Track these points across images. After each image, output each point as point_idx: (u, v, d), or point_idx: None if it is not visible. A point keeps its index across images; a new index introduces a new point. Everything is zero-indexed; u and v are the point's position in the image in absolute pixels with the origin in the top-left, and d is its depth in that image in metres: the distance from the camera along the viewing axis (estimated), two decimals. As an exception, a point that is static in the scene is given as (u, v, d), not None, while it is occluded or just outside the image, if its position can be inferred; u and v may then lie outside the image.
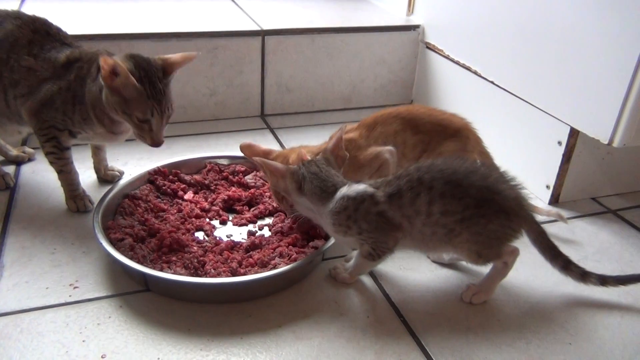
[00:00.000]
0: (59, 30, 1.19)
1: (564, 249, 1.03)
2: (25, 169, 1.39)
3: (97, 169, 1.35)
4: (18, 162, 1.40)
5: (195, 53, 1.14)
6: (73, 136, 1.18)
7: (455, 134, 1.17)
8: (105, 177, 1.35)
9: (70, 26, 1.53)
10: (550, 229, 1.24)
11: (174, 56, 1.11)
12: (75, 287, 1.02)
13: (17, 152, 1.41)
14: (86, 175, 1.34)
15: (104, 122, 1.13)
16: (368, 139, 1.16)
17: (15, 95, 1.15)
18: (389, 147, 1.15)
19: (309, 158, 1.06)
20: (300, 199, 1.02)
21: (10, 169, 1.37)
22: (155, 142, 1.10)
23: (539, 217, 1.09)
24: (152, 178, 1.28)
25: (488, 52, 1.53)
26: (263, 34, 1.68)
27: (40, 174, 1.36)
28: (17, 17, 1.16)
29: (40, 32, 1.16)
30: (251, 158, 1.07)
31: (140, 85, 1.03)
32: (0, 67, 1.14)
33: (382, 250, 0.99)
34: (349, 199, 0.97)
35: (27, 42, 1.14)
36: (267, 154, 1.20)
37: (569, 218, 1.33)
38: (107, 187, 1.22)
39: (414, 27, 1.82)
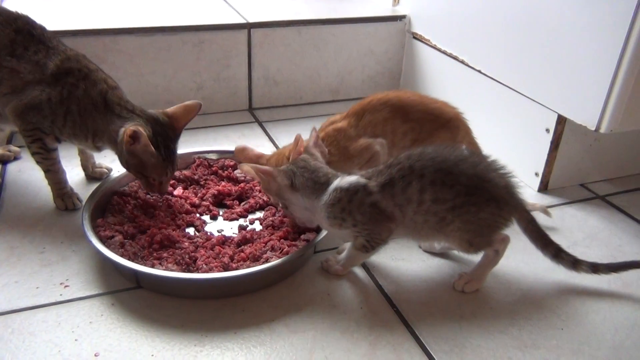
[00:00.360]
0: (43, 30, 1.15)
1: (554, 236, 1.04)
2: (12, 167, 1.37)
3: (85, 167, 1.34)
4: (4, 161, 1.39)
5: (197, 102, 1.17)
6: (58, 141, 1.17)
7: (446, 123, 1.16)
8: (94, 174, 1.33)
9: (54, 22, 1.52)
10: (540, 216, 1.25)
11: (178, 111, 1.15)
12: (65, 286, 1.01)
13: (3, 150, 1.39)
14: (74, 173, 1.33)
15: (96, 144, 1.15)
16: (357, 129, 1.15)
17: None
18: (380, 139, 1.15)
19: (307, 144, 1.06)
20: (294, 197, 1.02)
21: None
22: (162, 194, 1.19)
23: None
24: None
25: (475, 41, 1.53)
26: (249, 26, 1.67)
27: (27, 173, 1.34)
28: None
29: (23, 32, 1.12)
30: (239, 166, 1.06)
31: (158, 153, 1.08)
32: None
33: (376, 241, 0.99)
34: (342, 191, 0.97)
35: (9, 42, 1.11)
36: (259, 157, 1.20)
37: (558, 205, 1.34)
38: (96, 185, 1.21)
39: (400, 18, 1.82)
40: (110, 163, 1.39)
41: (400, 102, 1.16)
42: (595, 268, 1.03)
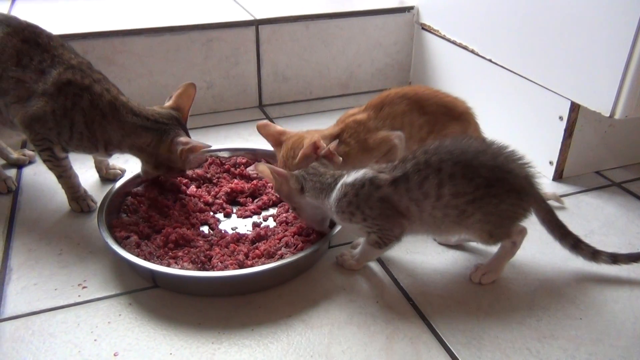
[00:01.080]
0: (49, 38, 1.15)
1: (570, 224, 1.03)
2: (27, 171, 1.38)
3: (99, 169, 1.34)
4: (19, 164, 1.40)
5: (191, 84, 1.22)
6: (65, 151, 1.18)
7: (459, 116, 1.18)
8: (107, 175, 1.34)
9: (63, 25, 1.53)
10: (556, 205, 1.24)
11: (181, 101, 1.21)
12: (83, 287, 1.02)
13: (18, 154, 1.40)
14: (88, 175, 1.34)
15: (109, 152, 1.18)
16: (376, 121, 1.16)
17: (6, 103, 1.14)
18: (398, 132, 1.15)
19: (324, 145, 1.06)
20: (303, 199, 1.03)
21: (12, 172, 1.37)
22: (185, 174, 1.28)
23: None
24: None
25: (484, 30, 1.51)
26: (257, 23, 1.67)
27: (42, 176, 1.35)
28: (8, 24, 1.13)
29: (29, 41, 1.12)
30: (255, 165, 1.07)
31: None
32: None
33: (389, 238, 0.99)
34: (347, 186, 0.98)
35: (15, 52, 1.11)
36: (280, 133, 1.20)
37: (573, 193, 1.33)
38: (110, 186, 1.22)
39: (408, 9, 1.80)
40: (124, 164, 1.40)
41: (417, 95, 1.18)
42: (615, 258, 1.02)
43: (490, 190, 0.94)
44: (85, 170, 1.32)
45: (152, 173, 1.21)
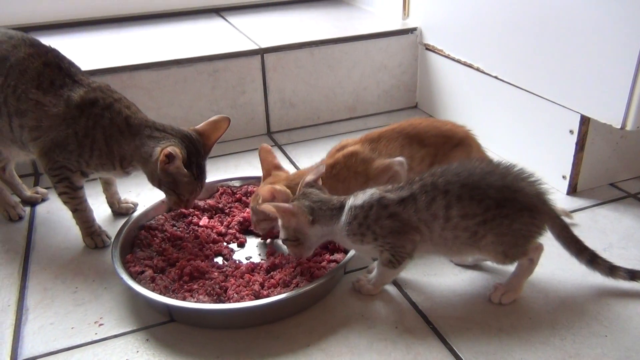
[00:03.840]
0: (70, 64, 1.17)
1: (588, 239, 1.01)
2: (40, 209, 1.39)
3: (111, 203, 1.35)
4: (32, 202, 1.41)
5: (225, 117, 1.20)
6: (85, 176, 1.18)
7: (459, 142, 1.18)
8: (120, 210, 1.35)
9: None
10: (573, 219, 1.22)
11: (208, 128, 1.18)
12: (100, 325, 1.02)
13: (31, 192, 1.41)
14: (101, 210, 1.34)
15: (126, 170, 1.17)
16: (373, 151, 1.15)
17: (21, 125, 1.14)
18: (400, 158, 1.14)
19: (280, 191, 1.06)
20: (313, 230, 1.00)
21: (25, 211, 1.37)
22: (188, 209, 1.24)
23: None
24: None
25: (489, 47, 1.52)
26: (262, 52, 1.68)
27: (55, 214, 1.36)
28: (31, 45, 1.15)
29: (51, 65, 1.14)
30: (260, 206, 1.06)
31: (190, 173, 1.10)
32: (7, 93, 1.13)
33: (401, 255, 0.98)
34: (356, 208, 0.98)
35: (36, 75, 1.12)
36: (276, 167, 1.21)
37: (589, 207, 1.31)
38: (123, 220, 1.22)
39: (412, 30, 1.82)
40: (136, 197, 1.40)
41: (415, 129, 1.18)
42: (633, 275, 1.00)
43: (501, 211, 0.93)
44: (98, 206, 1.32)
45: (174, 202, 1.17)
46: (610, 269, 1.00)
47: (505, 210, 0.93)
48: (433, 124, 1.21)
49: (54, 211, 1.37)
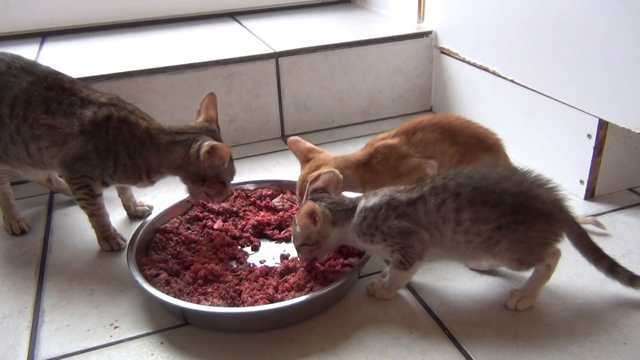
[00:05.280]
0: (72, 82, 1.17)
1: (606, 245, 1.00)
2: (57, 212, 1.40)
3: (127, 207, 1.36)
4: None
5: (210, 93, 1.25)
6: (106, 185, 1.19)
7: (489, 147, 1.17)
8: (136, 213, 1.36)
9: (88, 67, 1.57)
10: (590, 226, 1.21)
11: (208, 112, 1.23)
12: (115, 327, 1.02)
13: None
14: (116, 212, 1.35)
15: (152, 179, 1.19)
16: (408, 146, 1.15)
17: (39, 148, 1.15)
18: (432, 161, 1.14)
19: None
20: (333, 231, 1.01)
21: (42, 213, 1.39)
22: (229, 196, 1.26)
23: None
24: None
25: (504, 50, 1.50)
26: (276, 55, 1.69)
27: (71, 217, 1.37)
28: (30, 72, 1.15)
29: (54, 88, 1.15)
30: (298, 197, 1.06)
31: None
32: (19, 122, 1.14)
33: (411, 256, 0.97)
34: (366, 210, 0.98)
35: (42, 100, 1.13)
36: (309, 150, 1.22)
37: (607, 212, 1.29)
38: (138, 223, 1.23)
39: (427, 34, 1.81)
40: (151, 200, 1.41)
41: (450, 124, 1.17)
42: None
43: (517, 218, 0.92)
44: (113, 209, 1.33)
45: (198, 192, 1.19)
46: (631, 279, 0.98)
47: (520, 217, 0.92)
48: (467, 123, 1.20)
49: (71, 214, 1.38)
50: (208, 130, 1.19)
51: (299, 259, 1.09)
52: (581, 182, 1.34)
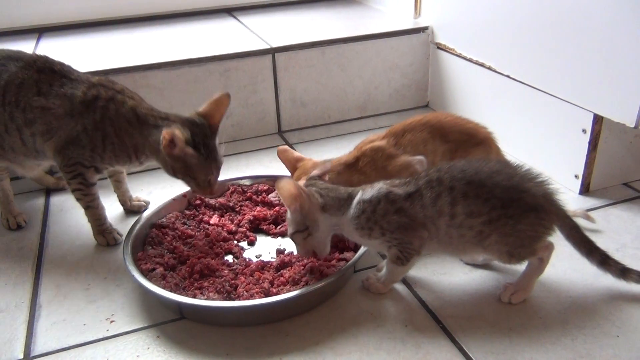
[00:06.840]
0: (62, 65, 1.19)
1: (600, 239, 1.00)
2: (53, 207, 1.41)
3: (123, 201, 1.36)
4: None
5: (225, 93, 1.19)
6: (98, 172, 1.20)
7: (480, 142, 1.17)
8: (132, 208, 1.36)
9: (85, 62, 1.57)
10: (584, 220, 1.21)
11: (209, 107, 1.17)
12: (111, 321, 1.03)
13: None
14: (113, 208, 1.36)
15: (140, 160, 1.18)
16: (397, 147, 1.15)
17: (32, 133, 1.16)
18: (420, 157, 1.14)
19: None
20: (323, 217, 1.00)
21: (39, 207, 1.39)
22: (215, 194, 1.19)
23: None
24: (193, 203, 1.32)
25: (500, 45, 1.51)
26: (273, 51, 1.69)
27: (68, 212, 1.38)
28: (19, 59, 1.17)
29: (44, 70, 1.16)
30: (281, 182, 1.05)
31: (198, 153, 1.10)
32: (12, 109, 1.15)
33: (409, 251, 0.98)
34: (364, 202, 0.98)
35: (34, 83, 1.14)
36: (297, 160, 1.23)
37: (601, 206, 1.30)
38: (134, 218, 1.23)
39: (423, 29, 1.81)
40: (147, 196, 1.41)
41: (439, 123, 1.17)
42: None
43: (507, 211, 0.93)
44: (110, 204, 1.33)
45: (195, 188, 1.17)
46: (622, 272, 0.99)
47: (510, 211, 0.93)
48: (457, 120, 1.20)
49: (67, 209, 1.39)
50: (191, 123, 1.13)
51: (298, 253, 1.08)
52: (576, 176, 1.35)
